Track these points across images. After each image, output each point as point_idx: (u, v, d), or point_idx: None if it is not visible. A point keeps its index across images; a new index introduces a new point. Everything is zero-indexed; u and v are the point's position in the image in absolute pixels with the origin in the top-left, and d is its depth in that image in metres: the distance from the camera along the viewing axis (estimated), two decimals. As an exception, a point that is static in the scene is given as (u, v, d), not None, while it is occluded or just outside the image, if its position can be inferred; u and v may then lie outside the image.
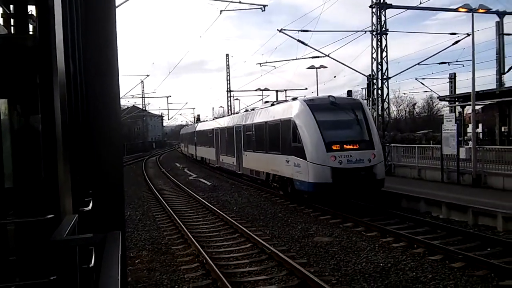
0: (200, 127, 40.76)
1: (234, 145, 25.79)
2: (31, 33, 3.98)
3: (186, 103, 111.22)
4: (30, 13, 4.11)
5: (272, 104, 21.43)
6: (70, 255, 2.45)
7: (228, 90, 56.57)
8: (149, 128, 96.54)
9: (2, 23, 4.35)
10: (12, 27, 4.31)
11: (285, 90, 51.44)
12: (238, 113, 31.96)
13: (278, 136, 18.42)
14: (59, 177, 2.90)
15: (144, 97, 73.94)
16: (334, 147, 15.31)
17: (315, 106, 16.37)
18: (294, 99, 20.06)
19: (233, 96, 57.82)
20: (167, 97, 74.73)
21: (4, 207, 3.07)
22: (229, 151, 27.29)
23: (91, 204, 3.68)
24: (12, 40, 3.96)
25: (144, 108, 79.07)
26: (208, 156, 35.06)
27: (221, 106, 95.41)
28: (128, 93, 58.19)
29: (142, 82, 70.64)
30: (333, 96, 17.01)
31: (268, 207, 16.98)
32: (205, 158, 36.87)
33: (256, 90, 48.57)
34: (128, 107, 72.49)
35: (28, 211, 3.10)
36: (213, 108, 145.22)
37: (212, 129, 32.92)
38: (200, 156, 39.67)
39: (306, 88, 64.52)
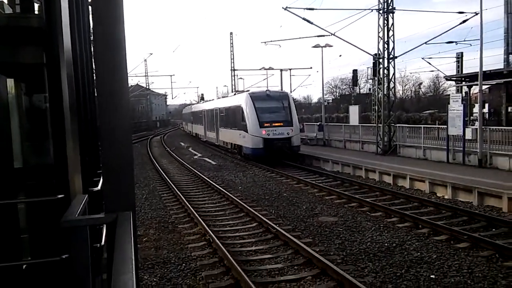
0: (195, 108, 48.76)
1: (214, 123, 33.14)
2: (36, 12, 3.92)
3: (190, 82, 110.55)
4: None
5: (234, 94, 30.57)
6: (82, 234, 2.46)
7: (232, 69, 56.23)
8: (153, 107, 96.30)
9: (6, 2, 4.29)
10: (17, 6, 4.25)
11: (290, 69, 51.11)
12: (219, 98, 40.71)
13: (235, 117, 26.22)
14: (68, 157, 2.89)
15: (147, 76, 73.76)
16: (265, 124, 23.26)
17: (255, 96, 24.46)
18: (247, 91, 27.94)
19: (237, 75, 57.58)
20: (171, 75, 74.68)
21: (14, 187, 3.08)
22: (211, 128, 34.80)
23: (100, 184, 3.69)
24: (17, 19, 3.91)
25: (148, 87, 78.85)
26: (199, 132, 42.94)
27: (225, 85, 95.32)
28: (132, 72, 58.04)
29: (145, 60, 70.48)
30: (269, 90, 25.92)
31: (273, 187, 17.04)
32: (197, 134, 44.78)
33: (260, 69, 48.33)
34: (131, 85, 72.28)
35: (38, 191, 3.11)
36: (217, 87, 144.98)
37: (202, 110, 40.64)
38: (194, 132, 47.69)
39: (311, 67, 64.43)
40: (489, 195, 12.75)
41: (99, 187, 3.66)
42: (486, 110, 30.67)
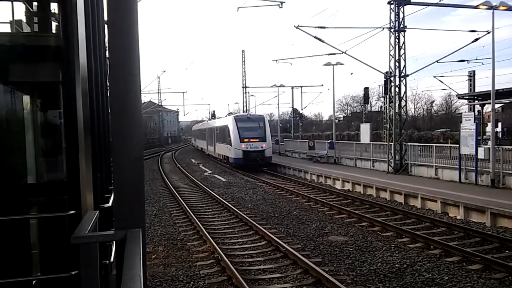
0: (200, 126, 56.75)
1: (212, 139, 39.91)
2: (54, 31, 4.02)
3: (202, 98, 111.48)
4: (53, 11, 4.15)
5: (226, 116, 38.78)
6: (92, 251, 2.48)
7: (244, 86, 56.57)
8: (165, 124, 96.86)
9: (25, 21, 4.41)
10: (35, 25, 4.36)
11: (301, 87, 51.35)
12: (219, 118, 46.36)
13: (224, 134, 32.98)
14: (80, 173, 2.93)
15: (160, 93, 74.52)
16: (245, 140, 30.01)
17: (238, 118, 31.77)
18: (234, 114, 39.23)
19: (248, 92, 57.93)
20: (183, 92, 75.26)
21: (26, 202, 3.12)
22: (210, 143, 41.77)
23: (111, 201, 3.72)
24: (35, 38, 4.00)
25: (160, 104, 79.60)
26: (203, 146, 49.62)
27: (237, 102, 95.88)
28: (145, 89, 58.73)
29: (158, 77, 71.30)
30: (250, 114, 35.52)
31: (282, 204, 16.97)
32: (202, 148, 51.13)
33: (271, 87, 48.52)
34: (144, 102, 73.06)
35: (50, 206, 3.14)
36: (228, 104, 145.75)
37: (205, 128, 48.09)
38: (200, 147, 53.93)
39: (322, 85, 64.55)
40: (502, 216, 12.54)
41: (110, 203, 3.69)
42: (499, 129, 30.37)
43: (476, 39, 21.90)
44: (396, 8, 22.78)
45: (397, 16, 22.89)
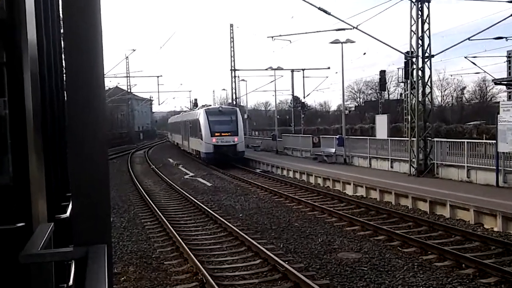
0: (176, 119, 62.72)
1: (186, 133, 45.79)
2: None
3: (181, 84, 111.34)
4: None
5: (198, 109, 43.92)
6: (45, 272, 2.46)
7: (232, 68, 56.56)
8: (136, 115, 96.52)
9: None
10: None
11: (303, 70, 51.37)
12: (190, 111, 53.53)
13: (196, 128, 38.32)
14: (30, 176, 2.90)
15: (129, 77, 74.33)
16: (216, 134, 35.12)
17: (209, 112, 37.30)
18: (207, 106, 43.62)
19: (238, 76, 57.92)
20: (158, 76, 74.88)
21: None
22: (185, 137, 47.69)
23: (69, 210, 3.70)
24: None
25: (129, 90, 79.36)
26: (178, 141, 55.28)
27: (224, 89, 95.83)
28: (110, 72, 58.40)
29: (127, 58, 70.92)
30: (222, 107, 42.30)
31: (281, 214, 17.04)
32: (177, 143, 56.96)
33: (267, 69, 48.45)
34: (110, 88, 72.74)
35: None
36: (213, 91, 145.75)
37: (179, 121, 53.98)
38: (176, 142, 60.03)
39: (329, 68, 64.58)
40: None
41: (67, 213, 3.67)
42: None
43: (517, 11, 22.02)
44: (420, -27, 22.84)
45: (420, -17, 22.96)
